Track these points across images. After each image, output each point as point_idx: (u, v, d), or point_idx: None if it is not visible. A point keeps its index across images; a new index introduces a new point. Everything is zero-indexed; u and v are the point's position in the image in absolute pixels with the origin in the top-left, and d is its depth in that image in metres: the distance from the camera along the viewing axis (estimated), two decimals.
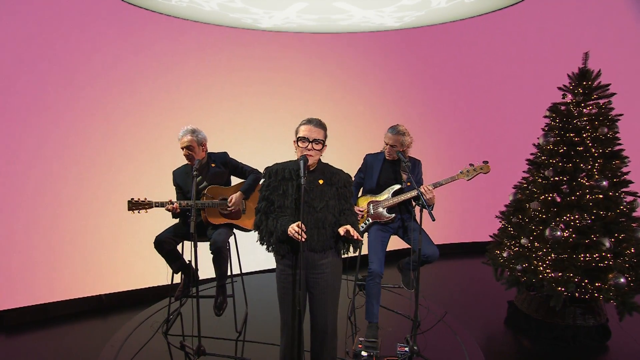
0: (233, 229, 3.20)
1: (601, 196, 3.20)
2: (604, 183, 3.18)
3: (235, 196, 3.09)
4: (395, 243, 3.29)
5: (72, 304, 3.77)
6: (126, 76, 3.97)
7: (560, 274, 3.12)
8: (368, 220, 3.16)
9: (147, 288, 4.05)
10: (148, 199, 2.90)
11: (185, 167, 3.15)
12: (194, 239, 2.56)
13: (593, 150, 3.27)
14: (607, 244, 3.06)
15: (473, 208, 5.47)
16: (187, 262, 3.14)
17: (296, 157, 2.17)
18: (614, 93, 3.33)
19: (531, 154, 3.62)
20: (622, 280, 2.99)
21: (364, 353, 2.87)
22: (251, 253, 3.81)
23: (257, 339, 3.17)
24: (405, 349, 2.86)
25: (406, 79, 5.29)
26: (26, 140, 3.58)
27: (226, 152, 3.24)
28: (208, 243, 3.03)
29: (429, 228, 2.98)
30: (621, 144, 3.34)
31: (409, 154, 3.15)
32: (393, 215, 3.11)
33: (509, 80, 5.34)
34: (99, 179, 3.88)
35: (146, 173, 4.02)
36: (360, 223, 3.17)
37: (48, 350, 3.20)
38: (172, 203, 2.90)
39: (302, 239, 1.98)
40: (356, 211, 3.12)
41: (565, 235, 3.19)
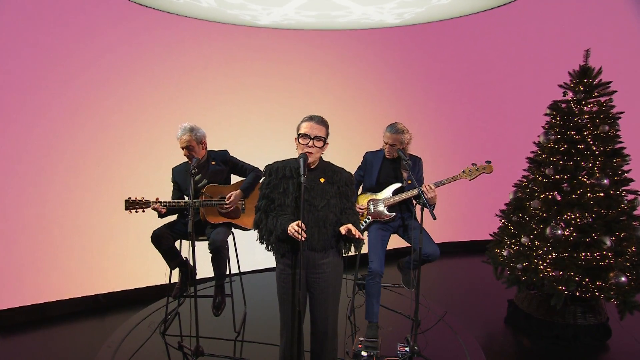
0: (232, 228, 3.17)
1: (602, 194, 3.18)
2: (605, 181, 3.16)
3: (234, 194, 3.06)
4: (395, 242, 3.27)
5: (69, 304, 3.73)
6: (122, 73, 3.93)
7: (560, 273, 3.10)
8: (368, 218, 3.13)
9: (145, 287, 4.02)
10: (145, 199, 2.87)
11: (185, 165, 3.12)
12: (192, 238, 2.53)
13: (594, 148, 3.26)
14: (608, 243, 3.05)
15: (473, 206, 5.46)
16: (185, 259, 3.11)
17: (297, 155, 2.14)
18: (615, 91, 3.31)
19: (532, 152, 3.60)
20: (623, 279, 2.98)
21: (364, 353, 2.84)
22: (250, 252, 3.78)
23: (256, 339, 3.15)
24: (405, 349, 2.84)
25: (406, 77, 5.27)
26: (23, 138, 3.53)
27: (226, 150, 3.21)
28: (207, 242, 3.00)
29: (429, 226, 2.96)
30: (622, 142, 3.32)
31: (410, 152, 3.13)
32: (393, 214, 3.09)
33: (510, 77, 5.33)
34: (96, 178, 3.84)
35: (143, 172, 3.98)
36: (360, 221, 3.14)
37: (44, 350, 3.17)
38: (159, 202, 2.86)
39: (302, 239, 1.95)
40: (357, 209, 3.09)
41: (565, 233, 3.18)
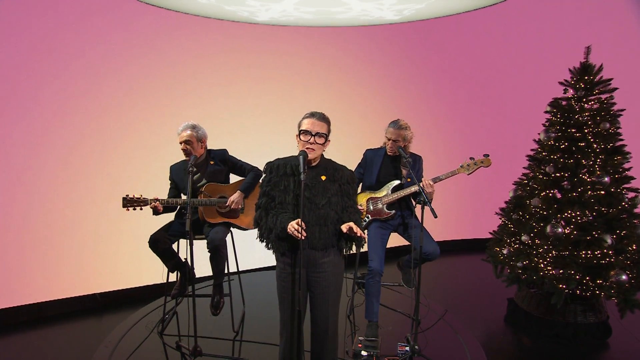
0: (230, 227, 3.14)
1: (603, 192, 3.16)
2: (606, 179, 3.14)
3: (235, 196, 3.04)
4: (395, 240, 3.25)
5: (66, 303, 3.70)
6: (119, 70, 3.89)
7: (561, 271, 3.09)
8: (367, 217, 3.11)
9: (142, 287, 3.99)
10: (143, 196, 2.85)
11: (183, 163, 3.08)
12: (190, 237, 2.50)
13: (594, 146, 3.24)
14: (609, 241, 3.04)
15: (473, 204, 5.44)
16: (183, 260, 3.09)
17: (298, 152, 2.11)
18: (616, 88, 3.29)
19: (532, 150, 3.58)
20: (624, 277, 2.96)
21: (364, 352, 2.83)
22: (248, 251, 3.76)
23: (255, 339, 3.12)
24: (405, 348, 2.83)
25: (405, 74, 5.24)
26: (20, 137, 3.49)
27: (225, 150, 3.18)
28: (205, 241, 2.97)
29: (429, 225, 2.94)
30: (623, 140, 3.31)
31: (410, 150, 3.11)
32: (393, 211, 3.07)
33: (510, 74, 5.30)
34: (94, 177, 3.80)
35: (141, 170, 3.95)
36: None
37: (41, 350, 3.14)
38: (157, 200, 2.85)
39: (302, 237, 1.93)
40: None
41: (566, 231, 3.16)
